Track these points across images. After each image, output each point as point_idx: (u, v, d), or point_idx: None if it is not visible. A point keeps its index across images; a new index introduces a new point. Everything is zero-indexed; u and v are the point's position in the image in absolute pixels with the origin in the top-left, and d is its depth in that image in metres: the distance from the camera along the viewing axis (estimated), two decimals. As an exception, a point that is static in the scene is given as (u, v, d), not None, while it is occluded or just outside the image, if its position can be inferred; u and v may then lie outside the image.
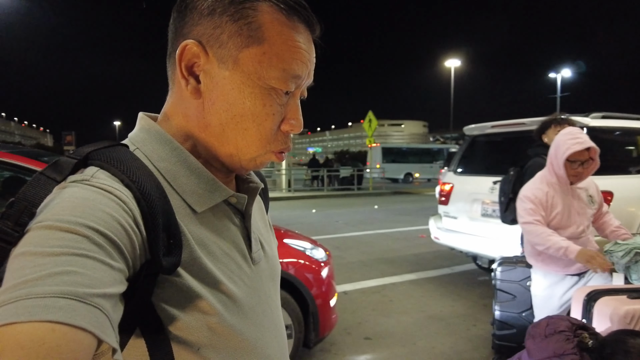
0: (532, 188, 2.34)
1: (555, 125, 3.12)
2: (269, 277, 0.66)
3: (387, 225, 8.92)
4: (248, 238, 0.62)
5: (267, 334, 0.60)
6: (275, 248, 0.75)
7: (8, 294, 0.34)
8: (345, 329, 3.49)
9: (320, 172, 18.54)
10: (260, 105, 0.54)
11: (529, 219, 2.26)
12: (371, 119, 17.64)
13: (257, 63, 0.54)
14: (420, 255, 6.21)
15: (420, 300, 4.23)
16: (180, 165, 0.56)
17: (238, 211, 0.62)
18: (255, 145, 0.56)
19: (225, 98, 0.55)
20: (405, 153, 26.81)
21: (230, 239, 0.59)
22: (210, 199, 0.57)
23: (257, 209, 0.71)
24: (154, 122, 0.59)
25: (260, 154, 0.57)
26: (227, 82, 0.54)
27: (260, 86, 0.54)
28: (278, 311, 0.67)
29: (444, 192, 4.89)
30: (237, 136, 0.56)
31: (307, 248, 2.87)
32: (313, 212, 11.50)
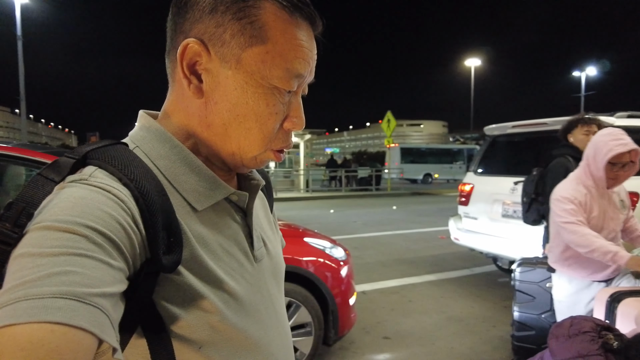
0: (570, 188, 2.21)
1: (582, 124, 3.04)
2: (271, 274, 0.65)
3: (406, 226, 8.88)
4: (250, 236, 0.62)
5: (271, 331, 0.60)
6: (280, 246, 0.75)
7: (7, 296, 0.34)
8: (364, 328, 3.51)
9: (338, 172, 18.55)
10: (263, 105, 0.54)
11: (572, 219, 2.12)
12: (390, 119, 17.56)
13: (260, 62, 0.53)
14: (439, 256, 6.17)
15: (439, 301, 4.21)
16: (180, 163, 0.55)
17: (239, 209, 0.62)
18: (257, 144, 0.56)
19: (228, 98, 0.54)
20: (424, 153, 26.59)
21: (232, 237, 0.58)
22: (210, 197, 0.56)
23: (260, 207, 0.71)
24: (154, 120, 0.58)
25: (261, 152, 0.57)
26: (230, 81, 0.53)
27: (263, 86, 0.53)
28: (282, 309, 0.67)
29: (464, 193, 4.86)
30: (240, 136, 0.55)
31: (326, 247, 2.90)
32: (331, 212, 11.53)
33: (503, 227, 4.32)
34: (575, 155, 3.00)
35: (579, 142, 3.03)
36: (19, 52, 17.21)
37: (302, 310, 2.61)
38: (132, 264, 0.43)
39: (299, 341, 2.63)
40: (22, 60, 17.21)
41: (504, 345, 3.16)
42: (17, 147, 2.33)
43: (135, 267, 0.44)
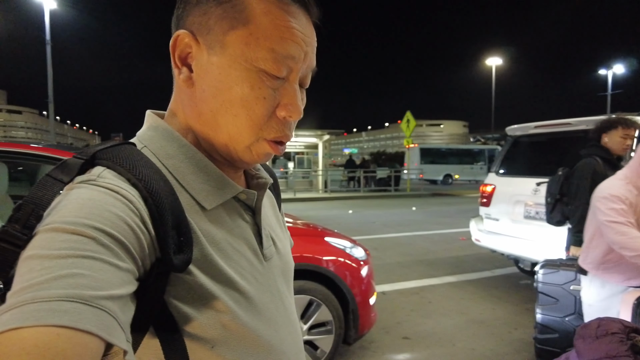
0: (620, 187, 2.07)
1: (623, 127, 2.86)
2: (281, 273, 0.65)
3: (426, 227, 8.83)
4: (259, 234, 0.61)
5: (281, 330, 0.59)
6: (289, 244, 0.74)
7: (15, 298, 0.34)
8: (384, 328, 3.52)
9: (357, 173, 18.53)
10: (248, 89, 0.52)
11: (621, 219, 1.99)
12: (409, 119, 17.45)
13: (243, 45, 0.52)
14: (460, 257, 6.12)
15: (459, 303, 4.19)
16: (189, 163, 0.55)
17: (248, 207, 0.62)
18: (246, 131, 0.54)
19: (214, 84, 0.53)
20: (444, 154, 26.29)
21: (241, 236, 0.58)
22: (219, 196, 0.56)
23: (268, 205, 0.70)
24: (161, 119, 0.58)
25: (253, 142, 0.55)
26: (215, 67, 0.53)
27: (248, 69, 0.52)
28: (292, 307, 0.66)
29: (486, 194, 4.81)
30: (229, 123, 0.54)
31: (346, 246, 2.93)
32: (350, 212, 11.54)
33: (525, 228, 4.27)
34: (605, 156, 2.91)
35: (615, 144, 2.90)
36: (47, 56, 17.79)
37: (323, 309, 2.65)
38: (142, 264, 0.43)
39: (320, 339, 2.67)
40: (51, 64, 17.78)
41: (526, 348, 3.13)
42: (47, 147, 2.44)
43: (145, 268, 0.44)
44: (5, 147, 2.37)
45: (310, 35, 0.55)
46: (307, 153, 19.23)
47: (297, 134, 18.30)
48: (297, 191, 16.38)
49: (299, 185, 17.34)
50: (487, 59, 34.40)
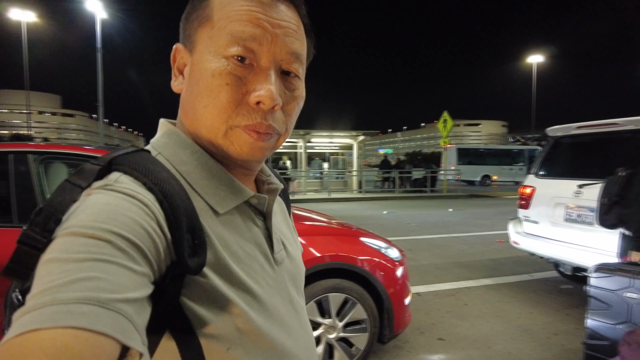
0: None
1: None
2: (291, 277, 0.66)
3: (463, 229, 8.69)
4: (270, 239, 0.62)
5: (293, 333, 0.60)
6: (299, 249, 0.75)
7: (34, 300, 0.34)
8: (419, 329, 3.55)
9: (392, 173, 18.40)
10: (210, 77, 0.53)
11: None
12: (446, 119, 17.16)
13: (208, 39, 0.54)
14: (497, 260, 6.02)
15: (496, 306, 4.14)
16: (201, 168, 0.56)
17: (259, 212, 0.63)
18: (216, 120, 0.54)
19: (190, 82, 0.56)
20: (482, 154, 25.63)
21: (253, 240, 0.59)
22: (231, 200, 0.57)
23: (279, 211, 0.72)
24: (174, 126, 0.60)
25: (227, 130, 0.54)
26: (191, 66, 0.57)
27: (212, 60, 0.53)
28: (303, 311, 0.67)
29: (525, 196, 4.72)
30: (202, 116, 0.55)
31: (382, 247, 2.98)
32: (384, 213, 11.51)
33: (566, 232, 4.16)
34: None
35: None
36: (98, 62, 18.80)
37: (358, 307, 2.72)
38: (157, 267, 0.44)
39: (355, 337, 2.74)
40: (101, 69, 18.77)
41: (566, 355, 3.08)
42: (97, 149, 2.65)
43: (161, 271, 0.45)
44: (64, 149, 2.61)
45: (282, 18, 0.55)
46: (342, 154, 19.29)
47: (331, 135, 18.41)
48: (332, 191, 16.47)
49: (333, 185, 17.43)
50: (528, 57, 33.18)
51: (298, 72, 0.58)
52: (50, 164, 2.53)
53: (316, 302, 2.65)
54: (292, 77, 0.57)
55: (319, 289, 2.66)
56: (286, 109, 0.57)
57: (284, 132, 0.58)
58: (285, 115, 0.58)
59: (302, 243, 2.69)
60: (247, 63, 0.53)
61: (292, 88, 0.58)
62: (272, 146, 0.58)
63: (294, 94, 0.58)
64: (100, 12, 19.16)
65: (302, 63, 0.59)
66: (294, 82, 0.58)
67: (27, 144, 2.64)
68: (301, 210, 3.76)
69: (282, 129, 0.58)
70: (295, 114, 0.60)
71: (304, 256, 2.65)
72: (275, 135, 0.57)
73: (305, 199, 14.80)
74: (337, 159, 19.53)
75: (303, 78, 0.60)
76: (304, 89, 0.61)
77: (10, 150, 2.49)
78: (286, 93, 0.57)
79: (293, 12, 0.57)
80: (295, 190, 16.36)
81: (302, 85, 0.60)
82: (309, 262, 2.62)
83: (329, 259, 2.70)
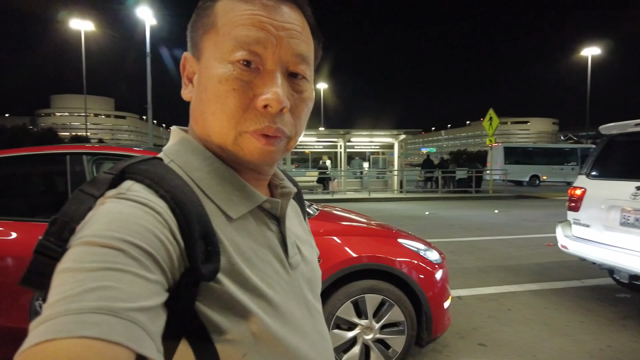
0: None
1: None
2: (307, 281, 0.65)
3: (508, 231, 8.37)
4: (284, 243, 0.62)
5: (309, 339, 0.59)
6: (315, 253, 0.74)
7: (50, 310, 0.35)
8: (458, 333, 3.46)
9: (435, 173, 18.00)
10: (216, 84, 0.53)
11: None
12: (492, 116, 16.58)
13: (213, 46, 0.54)
14: (545, 264, 5.75)
15: (542, 312, 3.96)
16: (214, 174, 0.57)
17: (273, 216, 0.62)
18: (225, 126, 0.54)
19: (198, 89, 0.57)
20: (531, 153, 24.51)
21: (267, 245, 0.58)
22: (244, 206, 0.57)
23: (293, 214, 0.71)
24: (185, 134, 0.61)
25: (236, 137, 0.54)
26: (199, 74, 0.57)
27: (218, 67, 0.54)
28: (319, 315, 0.66)
29: (575, 197, 4.48)
30: (212, 122, 0.55)
31: (420, 249, 2.94)
32: (426, 214, 11.29)
33: (622, 236, 3.90)
34: None
35: None
36: (147, 66, 19.72)
37: (395, 309, 2.69)
38: (171, 275, 0.44)
39: (391, 339, 2.72)
40: (150, 73, 19.69)
41: (618, 366, 2.89)
42: (146, 150, 2.78)
43: (175, 278, 0.45)
44: (114, 150, 2.77)
45: (287, 20, 0.55)
46: (383, 153, 19.10)
47: (372, 134, 18.28)
48: (372, 191, 16.36)
49: (373, 185, 17.30)
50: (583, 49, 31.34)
51: (305, 74, 0.57)
52: (101, 165, 2.70)
53: (352, 303, 2.66)
54: (300, 78, 0.57)
55: (356, 289, 2.66)
56: (295, 111, 0.57)
57: (293, 135, 0.58)
58: (294, 117, 0.57)
59: (338, 243, 2.72)
60: (253, 67, 0.53)
61: (300, 90, 0.57)
62: (282, 150, 0.58)
63: (302, 96, 0.57)
64: (149, 19, 20.08)
65: (308, 64, 0.58)
66: (302, 84, 0.57)
67: (82, 145, 2.83)
68: (340, 210, 3.77)
69: (292, 132, 0.57)
70: (305, 116, 0.59)
71: (339, 256, 2.67)
72: (284, 138, 0.56)
73: (345, 199, 14.79)
74: (377, 158, 19.35)
75: (311, 79, 0.60)
76: (312, 90, 0.60)
77: (68, 152, 2.69)
78: (294, 95, 0.56)
79: (297, 13, 0.57)
80: (334, 190, 16.38)
81: (311, 86, 0.59)
82: (345, 262, 2.63)
83: (367, 260, 2.69)
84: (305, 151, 19.91)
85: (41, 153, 2.78)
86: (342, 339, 2.65)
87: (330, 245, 2.70)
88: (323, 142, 18.73)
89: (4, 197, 2.88)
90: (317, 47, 0.62)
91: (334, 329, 2.63)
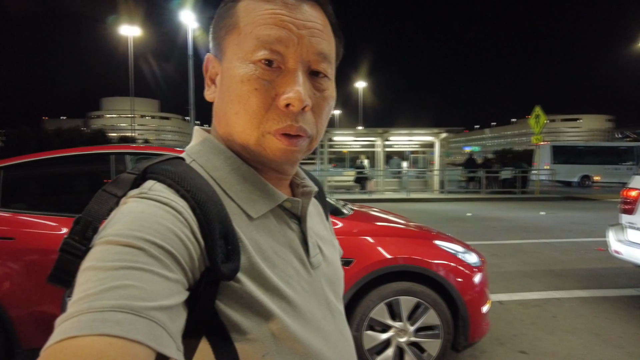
0: None
1: None
2: (328, 281, 0.65)
3: (555, 235, 7.98)
4: (305, 242, 0.61)
5: (331, 339, 0.59)
6: (337, 253, 0.74)
7: (74, 308, 0.36)
8: (498, 339, 3.33)
9: (478, 173, 17.44)
10: (239, 84, 0.54)
11: None
12: (539, 114, 15.86)
13: (235, 46, 0.55)
14: (595, 270, 5.42)
15: (592, 321, 3.74)
16: (235, 173, 0.57)
17: (294, 215, 0.62)
18: (248, 127, 0.54)
19: (221, 89, 0.58)
20: (581, 152, 23.20)
21: (287, 244, 0.58)
22: (265, 205, 0.57)
23: (315, 214, 0.71)
24: (208, 134, 0.62)
25: (259, 137, 0.55)
26: (221, 74, 0.58)
27: (240, 67, 0.54)
28: (341, 316, 0.66)
29: (629, 199, 4.20)
30: (235, 122, 0.55)
31: (458, 251, 2.85)
32: (468, 215, 10.96)
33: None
34: None
35: None
36: (189, 68, 20.42)
37: (431, 313, 2.63)
38: (191, 274, 0.45)
39: (427, 342, 2.66)
40: (193, 75, 20.38)
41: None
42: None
43: (195, 277, 0.45)
44: (156, 150, 2.89)
45: (308, 19, 0.55)
46: (423, 152, 18.73)
47: (411, 133, 17.97)
48: (411, 191, 16.09)
49: (412, 185, 17.00)
50: (642, 41, 29.29)
51: (327, 72, 0.57)
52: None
53: (386, 305, 2.62)
54: (321, 77, 0.57)
55: (390, 291, 2.62)
56: (316, 109, 0.57)
57: (315, 134, 0.58)
58: (316, 116, 0.57)
59: (372, 243, 2.69)
60: (275, 66, 0.53)
61: (322, 88, 0.57)
62: (304, 149, 0.58)
63: (324, 95, 0.57)
64: (192, 23, 20.79)
65: (330, 63, 0.58)
66: (323, 83, 0.57)
67: (125, 145, 2.96)
68: (376, 210, 3.73)
69: (313, 131, 0.57)
70: (326, 115, 0.59)
71: (373, 257, 2.65)
72: (306, 138, 0.56)
73: (383, 199, 14.63)
74: (417, 157, 19.00)
75: (333, 78, 0.60)
76: (334, 89, 0.60)
77: (112, 152, 2.83)
78: (315, 94, 0.56)
79: (318, 11, 0.57)
80: (372, 190, 16.25)
81: (332, 85, 0.59)
82: (380, 263, 2.60)
83: (402, 262, 2.65)
84: (343, 150, 19.88)
85: (88, 153, 2.93)
86: (376, 341, 2.62)
87: (364, 246, 2.68)
88: (361, 142, 18.62)
89: (57, 194, 3.07)
90: (338, 46, 0.61)
91: (367, 330, 2.61)
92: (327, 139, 17.37)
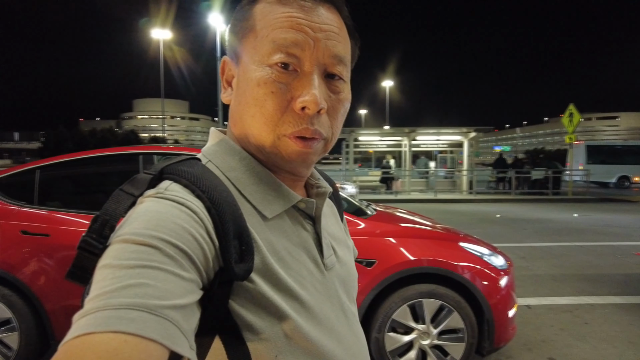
0: None
1: None
2: (342, 283, 0.64)
3: (589, 238, 7.68)
4: (319, 243, 0.62)
5: (344, 341, 0.59)
6: (351, 254, 0.74)
7: (91, 304, 0.37)
8: (525, 344, 3.24)
9: (508, 173, 16.98)
10: (255, 87, 0.54)
11: None
12: (572, 112, 15.33)
13: (252, 49, 0.55)
14: (632, 275, 5.19)
15: (627, 329, 3.58)
16: (250, 174, 0.58)
17: (308, 216, 0.63)
18: (264, 129, 0.55)
19: (237, 92, 0.58)
20: (619, 152, 22.21)
21: (301, 245, 0.59)
22: (279, 205, 0.58)
23: (329, 214, 0.71)
24: (224, 135, 0.63)
25: (275, 140, 0.55)
26: (238, 77, 0.58)
27: (257, 70, 0.54)
28: (354, 317, 0.66)
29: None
30: (250, 125, 0.56)
31: (484, 254, 2.80)
32: (497, 217, 10.69)
33: None
34: None
35: None
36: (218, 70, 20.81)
37: (455, 315, 2.59)
38: (205, 274, 0.45)
39: (450, 346, 2.62)
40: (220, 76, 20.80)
41: None
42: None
43: (209, 277, 0.46)
44: (183, 151, 2.96)
45: (324, 22, 0.55)
46: (452, 152, 18.39)
47: (439, 132, 17.68)
48: (438, 192, 15.84)
49: (440, 185, 16.73)
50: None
51: (342, 75, 0.57)
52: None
53: (409, 307, 2.59)
54: (337, 80, 0.57)
55: (413, 293, 2.59)
56: (332, 112, 0.57)
57: (330, 137, 0.58)
58: (331, 119, 0.57)
59: (395, 244, 2.67)
60: (291, 69, 0.54)
61: (337, 91, 0.57)
62: (319, 152, 0.58)
63: (339, 97, 0.58)
64: (220, 25, 21.16)
65: (345, 65, 0.58)
66: (339, 85, 0.57)
67: (154, 146, 3.05)
68: (401, 211, 3.69)
69: (328, 133, 0.57)
70: (341, 117, 0.59)
71: (396, 258, 2.64)
72: (321, 140, 0.57)
73: (409, 199, 14.46)
74: (445, 157, 18.67)
75: (348, 80, 0.60)
76: (349, 91, 0.60)
77: (141, 152, 2.92)
78: (331, 96, 0.56)
79: (334, 14, 0.57)
80: (398, 190, 16.09)
81: (347, 87, 0.59)
82: (403, 264, 2.58)
83: (427, 263, 2.62)
84: (369, 150, 19.76)
85: (119, 153, 3.04)
86: (398, 343, 2.60)
87: (387, 247, 2.66)
88: (387, 141, 18.46)
89: (90, 193, 3.20)
90: (354, 48, 0.62)
91: (389, 332, 2.59)
92: (353, 138, 17.32)
